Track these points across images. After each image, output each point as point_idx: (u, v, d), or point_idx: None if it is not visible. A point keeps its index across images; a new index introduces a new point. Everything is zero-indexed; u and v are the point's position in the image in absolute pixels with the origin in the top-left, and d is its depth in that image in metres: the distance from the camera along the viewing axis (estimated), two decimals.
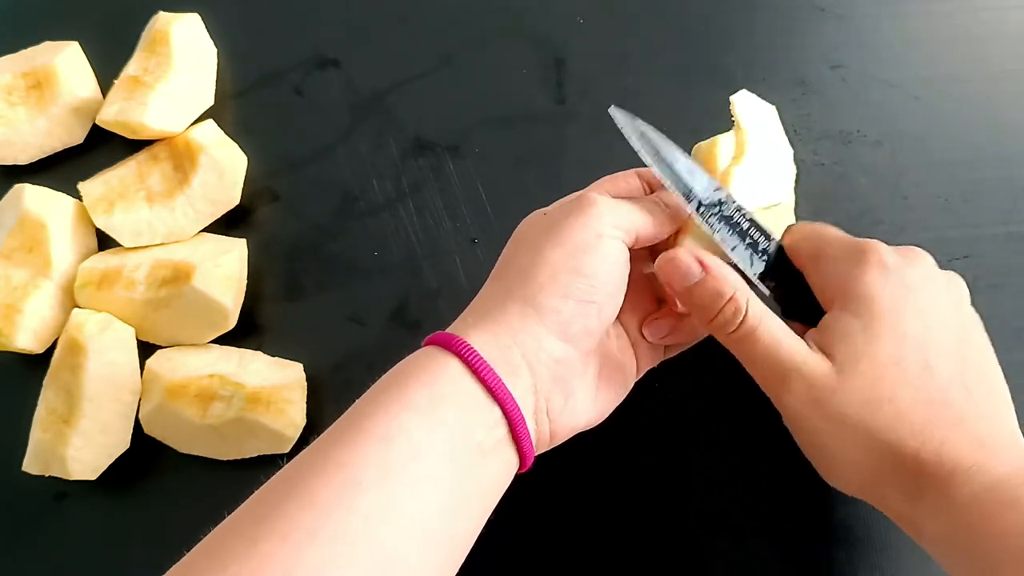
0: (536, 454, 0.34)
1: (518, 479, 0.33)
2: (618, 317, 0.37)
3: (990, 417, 0.32)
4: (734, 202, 0.37)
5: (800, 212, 0.45)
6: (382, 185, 0.49)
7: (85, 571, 0.41)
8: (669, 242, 0.37)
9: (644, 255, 0.39)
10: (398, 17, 0.53)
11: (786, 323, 0.37)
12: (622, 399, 0.37)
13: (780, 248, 0.37)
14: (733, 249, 0.37)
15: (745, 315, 0.33)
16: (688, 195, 0.36)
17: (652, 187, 0.39)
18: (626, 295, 0.35)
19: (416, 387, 0.31)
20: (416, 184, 0.49)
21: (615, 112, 0.38)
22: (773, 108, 0.40)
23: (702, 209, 0.36)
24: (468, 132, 0.50)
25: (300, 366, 0.44)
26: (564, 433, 0.34)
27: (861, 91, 0.51)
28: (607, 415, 0.37)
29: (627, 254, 0.34)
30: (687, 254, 0.34)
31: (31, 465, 0.42)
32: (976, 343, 0.35)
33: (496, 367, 0.31)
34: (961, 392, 0.32)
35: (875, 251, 0.35)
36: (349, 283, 0.46)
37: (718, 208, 0.36)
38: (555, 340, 0.33)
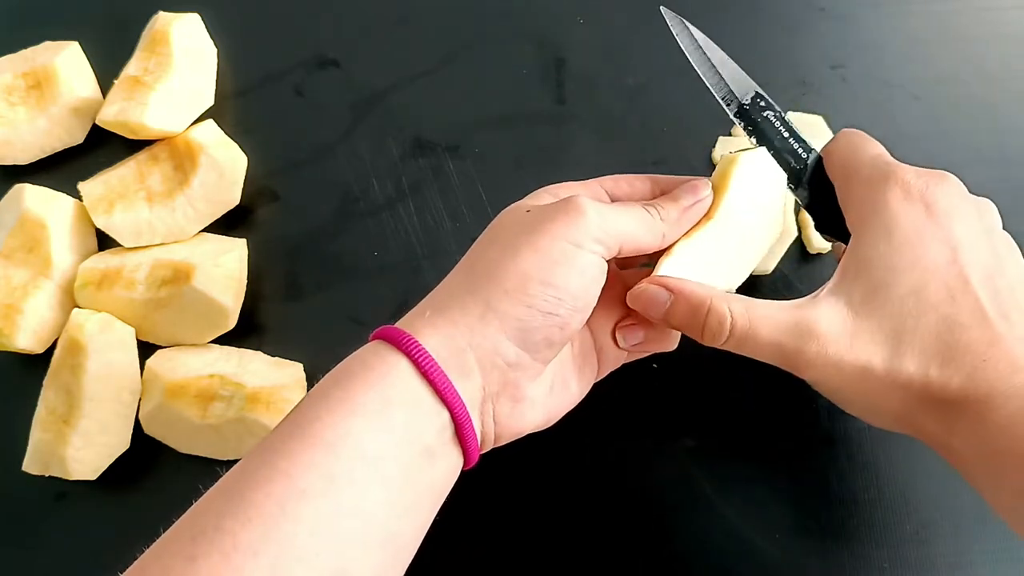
0: (481, 452, 0.33)
1: (463, 476, 0.33)
2: (587, 321, 0.36)
3: None
4: (775, 109, 0.37)
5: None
6: (382, 185, 0.49)
7: (85, 571, 0.41)
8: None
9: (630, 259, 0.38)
10: (398, 17, 0.53)
11: (819, 233, 0.37)
12: (576, 404, 0.36)
13: (819, 160, 0.37)
14: (766, 149, 0.37)
15: (733, 319, 0.33)
16: (727, 97, 0.36)
17: (665, 191, 0.37)
18: (600, 299, 0.34)
19: (363, 389, 0.29)
20: (416, 184, 0.49)
21: (665, 11, 0.38)
22: (784, 175, 0.38)
23: (740, 113, 0.36)
24: (468, 132, 0.50)
25: (300, 366, 0.44)
26: (508, 436, 0.33)
27: (861, 91, 0.51)
28: (556, 420, 0.35)
29: (604, 268, 0.33)
30: (652, 284, 0.34)
31: (31, 465, 0.42)
32: (1010, 264, 0.33)
33: (447, 368, 0.30)
34: (995, 316, 0.31)
35: (899, 174, 0.34)
36: (349, 283, 0.46)
37: (756, 113, 0.37)
38: (512, 345, 0.31)
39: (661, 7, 0.38)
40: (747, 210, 0.36)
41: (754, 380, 0.43)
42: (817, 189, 0.37)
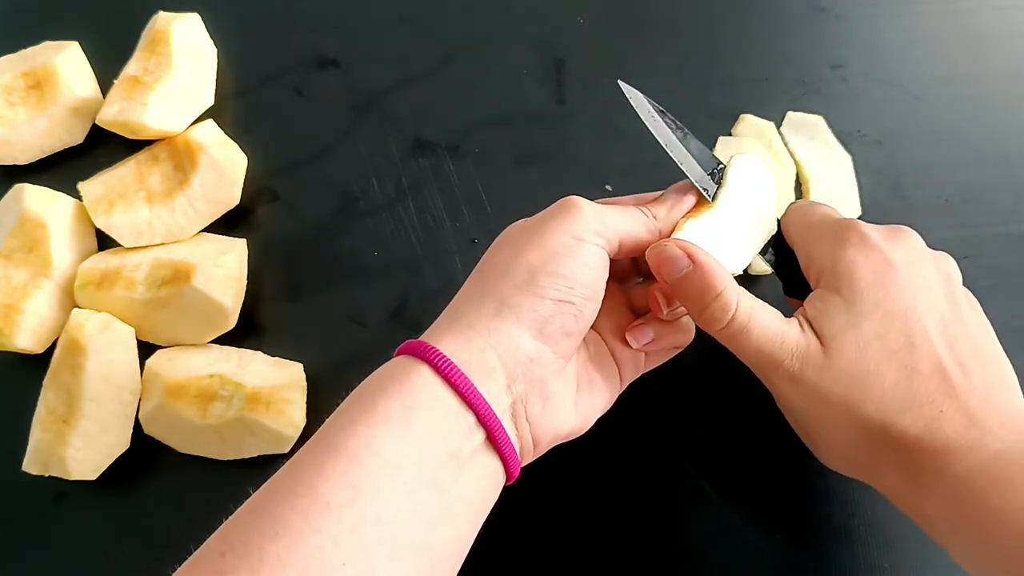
0: (522, 464, 0.33)
1: (508, 492, 0.33)
2: (596, 328, 0.37)
3: (984, 393, 0.32)
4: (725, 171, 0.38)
5: None
6: (382, 185, 0.49)
7: (85, 571, 0.41)
8: None
9: (625, 269, 0.40)
10: (398, 17, 0.53)
11: (788, 301, 0.38)
12: (606, 408, 0.37)
13: (779, 225, 0.39)
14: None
15: (735, 312, 0.33)
16: (696, 179, 0.37)
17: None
18: (604, 307, 0.35)
19: (386, 399, 0.30)
20: (416, 184, 0.49)
21: (625, 87, 0.38)
22: (774, 181, 0.39)
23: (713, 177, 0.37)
24: (468, 132, 0.50)
25: (300, 366, 0.44)
26: (547, 440, 0.34)
27: (861, 91, 0.51)
28: (590, 424, 0.36)
29: (607, 260, 0.34)
30: (676, 246, 0.34)
31: (31, 465, 0.42)
32: (968, 315, 0.34)
33: (469, 371, 0.30)
34: (952, 367, 0.32)
35: (856, 229, 0.35)
36: (349, 283, 0.46)
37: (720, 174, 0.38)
38: (531, 339, 0.32)
39: (619, 81, 0.38)
40: (744, 205, 0.38)
41: (754, 380, 0.43)
42: (782, 255, 0.39)
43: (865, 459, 0.33)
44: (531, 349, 0.32)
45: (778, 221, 0.39)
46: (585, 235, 0.33)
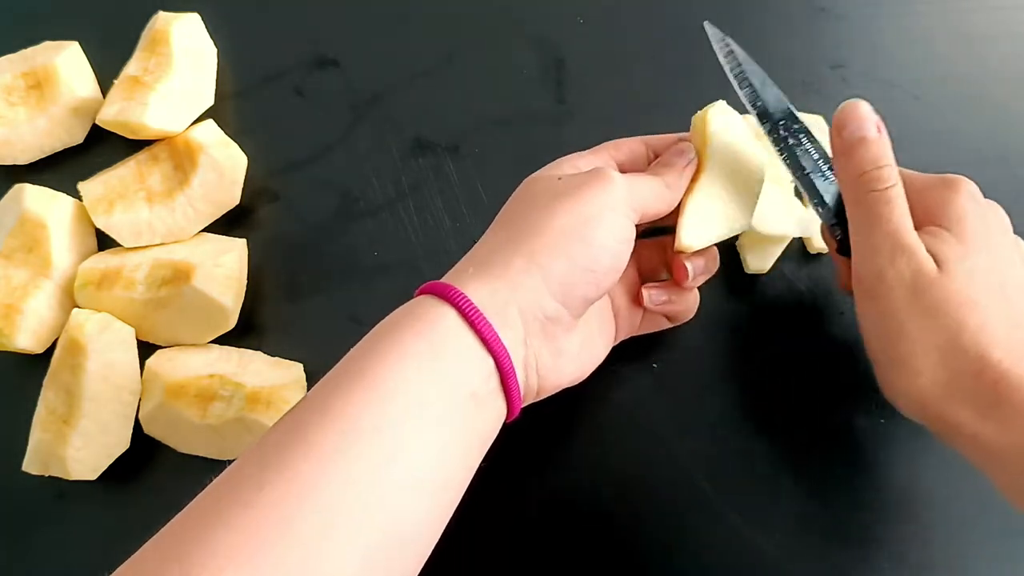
0: (524, 405, 0.34)
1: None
2: None
3: None
4: (806, 131, 0.38)
5: None
6: (382, 185, 0.49)
7: (85, 571, 0.41)
8: (669, 218, 0.38)
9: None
10: (398, 17, 0.53)
11: (839, 261, 0.39)
12: (601, 360, 0.38)
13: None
14: (800, 175, 0.38)
15: (895, 181, 0.35)
16: (763, 115, 0.38)
17: (657, 155, 0.40)
18: None
19: (414, 337, 0.31)
20: (416, 184, 0.49)
21: (708, 26, 0.39)
22: (752, 119, 0.40)
23: (773, 131, 0.38)
24: (468, 132, 0.50)
25: (300, 366, 0.44)
26: (550, 388, 0.35)
27: (861, 91, 0.50)
28: (587, 374, 0.37)
29: (634, 233, 0.35)
30: (873, 112, 0.37)
31: (31, 465, 0.42)
32: None
33: (492, 320, 0.31)
34: None
35: (968, 183, 0.36)
36: (349, 283, 0.46)
37: (788, 134, 0.38)
38: (552, 300, 0.33)
39: (705, 23, 0.39)
40: (732, 156, 0.38)
41: (754, 380, 0.43)
42: (843, 212, 0.37)
43: (941, 390, 0.34)
44: (551, 310, 0.33)
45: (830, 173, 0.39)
46: (618, 206, 0.34)
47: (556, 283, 0.33)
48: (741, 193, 0.39)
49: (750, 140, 0.39)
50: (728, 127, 0.39)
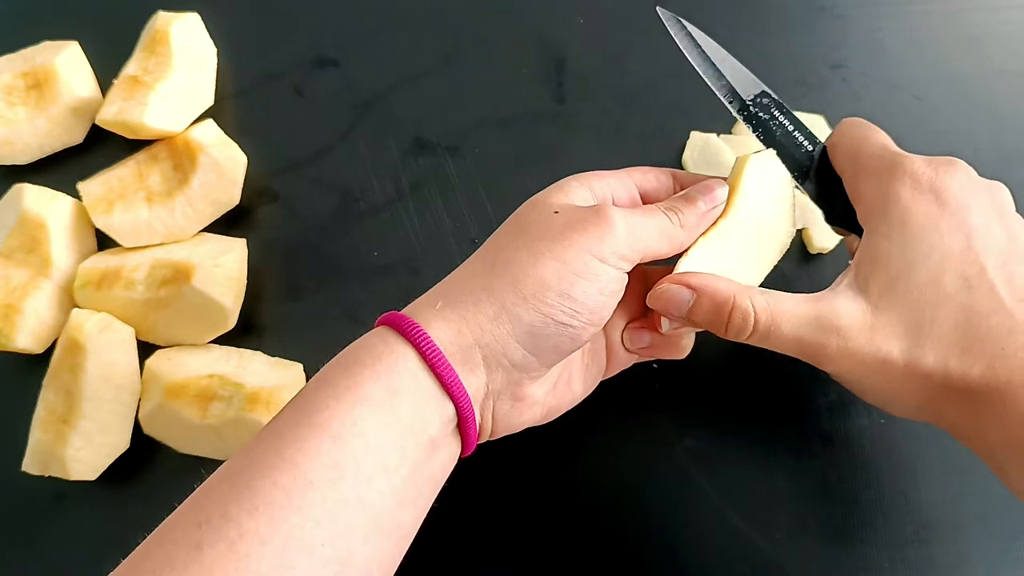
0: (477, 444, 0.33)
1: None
2: None
3: None
4: (780, 104, 0.37)
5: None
6: (382, 185, 0.49)
7: (85, 571, 0.41)
8: None
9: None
10: (398, 17, 0.53)
11: (831, 226, 0.37)
12: (577, 402, 0.37)
13: (824, 151, 0.37)
14: (778, 150, 0.37)
15: (756, 315, 0.33)
16: (730, 96, 0.37)
17: (684, 187, 0.37)
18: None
19: (371, 378, 0.29)
20: (416, 184, 0.49)
21: (662, 11, 0.38)
22: (790, 178, 0.37)
23: (743, 110, 0.37)
24: (468, 132, 0.50)
25: (300, 366, 0.44)
26: (503, 431, 0.34)
27: (861, 91, 0.51)
28: (554, 418, 0.36)
29: (624, 281, 0.33)
30: (673, 283, 0.34)
31: (31, 465, 0.42)
32: None
33: (454, 362, 0.30)
34: (1012, 303, 0.31)
35: (908, 165, 0.33)
36: (349, 283, 0.46)
37: (761, 109, 0.37)
38: (520, 349, 0.31)
39: (657, 7, 0.38)
40: (761, 208, 0.36)
41: (754, 380, 0.43)
42: (824, 182, 0.37)
43: (927, 404, 0.33)
44: (518, 358, 0.32)
45: (823, 146, 0.37)
46: (609, 258, 0.32)
47: (525, 334, 0.31)
48: (757, 253, 0.36)
49: (787, 201, 0.37)
50: (767, 179, 0.37)
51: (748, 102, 0.38)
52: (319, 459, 0.27)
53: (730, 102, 0.38)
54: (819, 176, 0.37)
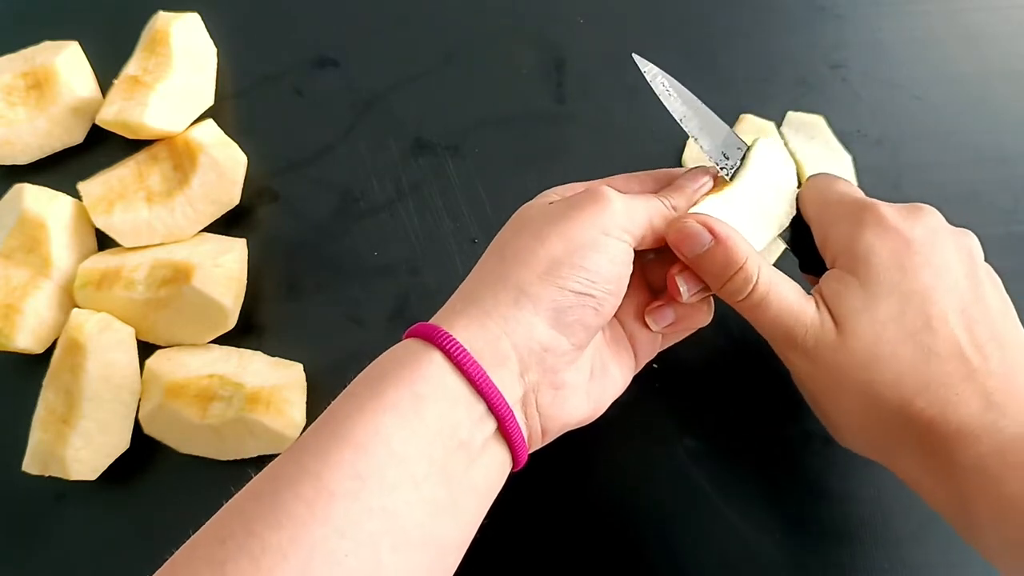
0: (530, 451, 0.33)
1: (508, 491, 0.32)
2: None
3: (1002, 375, 0.31)
4: (744, 145, 0.37)
5: None
6: (382, 185, 0.49)
7: (85, 571, 0.41)
8: None
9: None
10: (398, 17, 0.53)
11: (804, 277, 0.38)
12: (619, 394, 0.37)
13: (797, 203, 0.38)
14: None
15: (756, 283, 0.33)
16: (709, 152, 0.37)
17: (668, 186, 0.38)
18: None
19: (396, 385, 0.29)
20: (416, 184, 0.49)
21: (640, 60, 0.38)
22: (794, 168, 0.39)
23: (721, 166, 0.37)
24: (468, 132, 0.50)
25: (300, 366, 0.44)
26: (556, 429, 0.33)
27: (861, 91, 0.51)
28: (602, 411, 0.35)
29: (631, 255, 0.33)
30: (697, 221, 0.33)
31: (31, 465, 0.42)
32: (989, 295, 0.33)
33: (482, 358, 0.30)
34: (969, 349, 0.31)
35: (873, 210, 0.34)
36: (349, 283, 0.46)
37: (734, 154, 0.37)
38: (547, 328, 0.31)
39: (633, 54, 0.38)
40: (764, 188, 0.38)
41: (754, 380, 0.43)
42: (799, 231, 0.38)
43: (880, 440, 0.33)
44: (546, 338, 0.31)
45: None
46: (613, 230, 0.32)
47: (548, 310, 0.31)
48: (756, 225, 0.37)
49: (787, 186, 0.39)
50: (772, 162, 0.38)
51: (728, 153, 0.38)
52: (341, 470, 0.27)
53: (705, 150, 0.38)
54: (794, 226, 0.38)
